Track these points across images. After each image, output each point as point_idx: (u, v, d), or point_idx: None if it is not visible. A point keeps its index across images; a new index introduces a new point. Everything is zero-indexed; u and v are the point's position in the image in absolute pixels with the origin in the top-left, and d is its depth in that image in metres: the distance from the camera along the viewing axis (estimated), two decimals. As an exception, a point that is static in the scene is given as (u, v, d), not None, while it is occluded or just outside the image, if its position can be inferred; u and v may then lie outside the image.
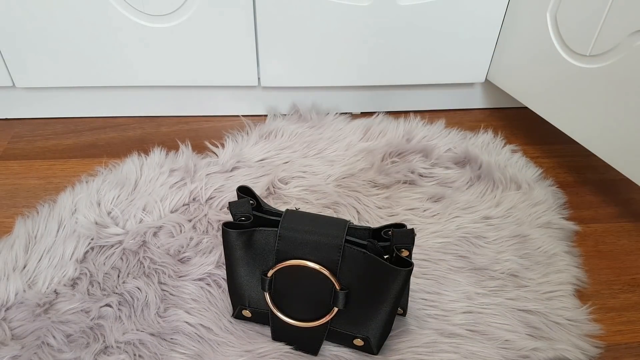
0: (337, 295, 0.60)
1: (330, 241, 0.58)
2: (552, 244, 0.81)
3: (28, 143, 1.04)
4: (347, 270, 0.60)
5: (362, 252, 0.58)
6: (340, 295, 0.60)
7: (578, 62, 0.88)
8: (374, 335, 0.63)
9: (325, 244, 0.59)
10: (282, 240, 0.60)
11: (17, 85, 1.02)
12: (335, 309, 0.61)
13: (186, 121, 1.12)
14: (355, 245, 0.59)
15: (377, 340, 0.63)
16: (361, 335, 0.63)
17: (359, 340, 0.64)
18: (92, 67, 1.00)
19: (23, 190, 0.91)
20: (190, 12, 0.94)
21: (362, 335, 0.63)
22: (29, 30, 0.94)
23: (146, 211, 0.83)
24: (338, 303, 0.61)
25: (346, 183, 0.92)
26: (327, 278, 0.60)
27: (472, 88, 1.17)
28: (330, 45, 1.01)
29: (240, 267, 0.64)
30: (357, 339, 0.64)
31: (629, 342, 0.70)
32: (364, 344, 0.64)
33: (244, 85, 1.08)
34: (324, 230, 0.59)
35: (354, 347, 0.65)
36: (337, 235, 0.59)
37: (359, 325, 0.63)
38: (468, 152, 0.99)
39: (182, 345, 0.65)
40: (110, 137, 1.06)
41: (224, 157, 0.96)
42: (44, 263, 0.74)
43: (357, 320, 0.63)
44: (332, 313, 0.62)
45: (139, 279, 0.73)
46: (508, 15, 1.00)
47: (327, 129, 1.05)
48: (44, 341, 0.64)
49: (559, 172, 1.00)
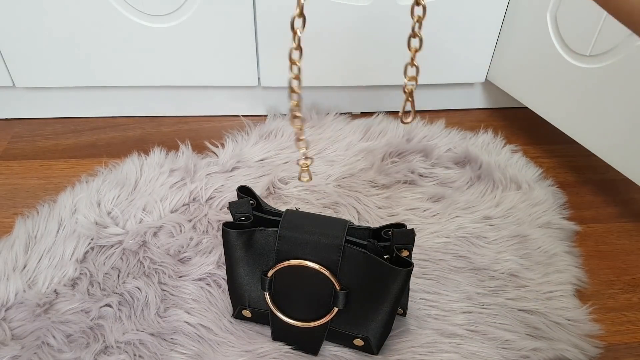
0: (337, 295, 0.60)
1: (331, 241, 0.58)
2: (552, 244, 0.81)
3: (28, 143, 1.04)
4: (347, 271, 0.60)
5: (362, 252, 0.58)
6: (340, 295, 0.60)
7: (578, 62, 0.88)
8: (374, 336, 0.63)
9: (325, 244, 0.59)
10: (282, 240, 0.60)
11: (17, 85, 1.02)
12: (335, 309, 0.61)
13: (186, 121, 1.12)
14: (355, 245, 0.59)
15: (377, 341, 0.63)
16: (361, 336, 0.63)
17: (359, 340, 0.64)
18: (92, 67, 1.00)
19: (23, 190, 0.91)
20: (190, 12, 0.94)
21: (362, 335, 0.63)
22: (29, 30, 0.94)
23: (146, 211, 0.83)
24: (338, 303, 0.61)
25: (346, 183, 0.92)
26: (327, 278, 0.60)
27: (472, 88, 1.17)
28: (330, 45, 1.01)
29: (240, 267, 0.64)
30: (357, 339, 0.64)
31: (629, 342, 0.70)
32: (364, 344, 0.64)
33: (244, 85, 1.08)
34: (324, 230, 0.59)
35: (354, 347, 0.65)
36: (337, 235, 0.58)
37: (359, 326, 0.63)
38: (468, 152, 0.99)
39: (182, 345, 0.65)
40: (110, 137, 1.06)
41: (224, 157, 0.96)
42: (44, 263, 0.74)
43: (357, 320, 0.63)
44: (332, 313, 0.62)
45: (139, 279, 0.73)
46: (508, 15, 1.00)
47: (327, 129, 1.05)
48: (44, 341, 0.64)
49: (559, 172, 1.00)
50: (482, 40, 1.03)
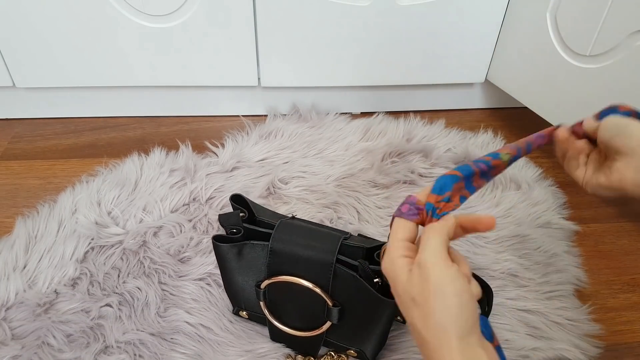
0: (331, 311, 0.59)
1: (322, 258, 0.56)
2: (552, 244, 0.81)
3: (28, 143, 1.04)
4: (339, 288, 0.58)
5: (352, 275, 0.56)
6: (334, 311, 0.58)
7: (578, 62, 0.88)
8: (368, 349, 0.62)
9: (316, 261, 0.56)
10: (273, 255, 0.58)
11: (17, 85, 1.02)
12: (329, 322, 0.60)
13: (186, 121, 1.12)
14: (346, 265, 0.56)
15: (372, 352, 0.63)
16: (355, 348, 0.63)
17: (353, 352, 0.63)
18: (92, 67, 1.00)
19: (23, 190, 0.91)
20: (190, 12, 0.94)
21: (357, 348, 0.63)
22: (29, 30, 0.94)
23: (146, 211, 0.83)
24: (331, 318, 0.59)
25: (346, 183, 0.92)
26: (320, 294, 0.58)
27: (472, 88, 1.17)
28: (330, 45, 1.01)
29: (234, 276, 0.63)
30: (350, 350, 0.63)
31: (629, 342, 0.70)
32: (358, 355, 0.64)
33: (244, 85, 1.08)
34: (317, 245, 0.57)
35: (349, 356, 0.65)
36: (330, 250, 0.56)
37: (354, 338, 0.62)
38: (468, 152, 0.99)
39: (182, 345, 0.65)
40: (110, 137, 1.06)
41: (224, 157, 0.96)
42: (44, 263, 0.74)
43: (351, 333, 0.62)
44: (326, 326, 0.60)
45: (139, 278, 0.73)
46: (508, 16, 1.00)
47: (327, 129, 1.05)
48: (44, 341, 0.64)
49: (559, 172, 1.00)
50: (482, 40, 1.03)
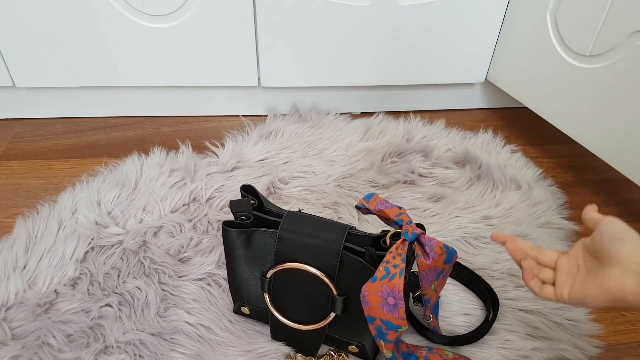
0: (335, 301, 0.59)
1: (329, 246, 0.58)
2: (552, 244, 0.81)
3: (28, 143, 1.04)
4: (345, 277, 0.59)
5: (359, 261, 0.57)
6: (338, 300, 0.59)
7: (578, 62, 0.88)
8: (370, 343, 0.62)
9: (323, 249, 0.58)
10: (281, 242, 0.60)
11: (17, 85, 1.02)
12: (333, 313, 0.61)
13: (186, 121, 1.12)
14: (353, 252, 0.58)
15: (373, 348, 0.63)
16: (356, 343, 0.63)
17: (354, 347, 0.63)
18: (92, 67, 1.00)
19: (23, 190, 0.91)
20: (190, 12, 0.94)
21: (357, 342, 0.63)
22: (29, 30, 0.94)
23: (146, 211, 0.83)
24: (335, 308, 0.60)
25: (346, 183, 0.92)
26: (326, 282, 0.59)
27: (472, 88, 1.17)
28: (330, 45, 1.01)
29: (240, 265, 0.64)
30: (352, 345, 0.63)
31: (629, 342, 0.70)
32: (359, 350, 0.64)
33: (244, 85, 1.08)
34: (324, 234, 0.58)
35: (349, 352, 0.65)
36: (336, 240, 0.57)
37: (355, 332, 0.62)
38: (468, 152, 0.99)
39: (182, 345, 0.65)
40: (110, 137, 1.06)
41: (224, 157, 0.96)
42: (44, 263, 0.74)
43: (354, 326, 0.62)
44: (330, 317, 0.61)
45: (139, 278, 0.73)
46: (508, 15, 1.00)
47: (327, 129, 1.05)
48: (44, 341, 0.64)
49: (559, 172, 1.00)
50: (482, 41, 1.03)
